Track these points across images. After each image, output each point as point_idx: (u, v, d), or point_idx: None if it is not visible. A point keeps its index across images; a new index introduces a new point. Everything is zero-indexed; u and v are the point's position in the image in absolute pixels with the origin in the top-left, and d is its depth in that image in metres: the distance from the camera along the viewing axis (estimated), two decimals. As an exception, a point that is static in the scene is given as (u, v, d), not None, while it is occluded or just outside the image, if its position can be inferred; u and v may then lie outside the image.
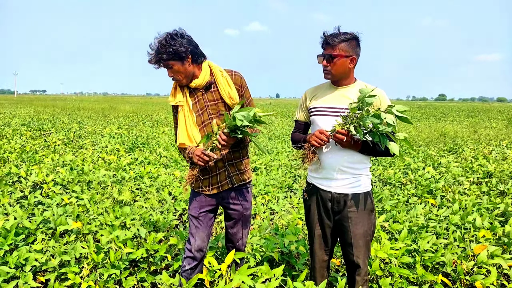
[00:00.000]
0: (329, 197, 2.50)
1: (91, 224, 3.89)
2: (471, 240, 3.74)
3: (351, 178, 2.46)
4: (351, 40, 2.37)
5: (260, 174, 7.00)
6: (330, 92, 2.51)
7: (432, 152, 9.44)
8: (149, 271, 3.36)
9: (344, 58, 2.35)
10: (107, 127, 14.60)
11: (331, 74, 2.42)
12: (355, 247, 2.50)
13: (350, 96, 2.42)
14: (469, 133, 14.43)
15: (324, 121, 2.46)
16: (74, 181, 5.73)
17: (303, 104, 2.66)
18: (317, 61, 2.47)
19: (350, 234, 2.49)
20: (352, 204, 2.46)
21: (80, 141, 10.69)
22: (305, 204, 2.72)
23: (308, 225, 2.72)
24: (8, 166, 6.59)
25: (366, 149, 2.40)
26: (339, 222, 2.53)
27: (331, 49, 2.36)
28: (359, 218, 2.47)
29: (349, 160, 2.43)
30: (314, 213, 2.62)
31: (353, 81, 2.49)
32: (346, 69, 2.40)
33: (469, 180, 6.42)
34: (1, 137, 10.99)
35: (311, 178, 2.63)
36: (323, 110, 2.49)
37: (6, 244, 3.20)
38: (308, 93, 2.64)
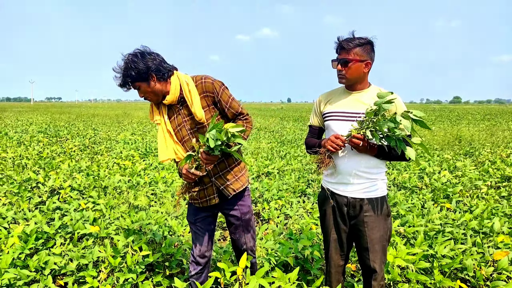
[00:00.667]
0: (345, 202, 2.50)
1: (108, 229, 3.94)
2: (489, 246, 3.69)
3: (367, 182, 2.45)
4: (365, 45, 2.37)
5: (273, 179, 7.00)
6: (344, 97, 2.51)
7: (448, 156, 9.34)
8: (165, 275, 3.39)
9: (358, 62, 2.36)
10: (121, 133, 14.77)
11: (346, 79, 2.42)
12: (371, 251, 2.48)
13: (364, 100, 2.42)
14: (485, 136, 14.23)
15: (339, 126, 2.46)
16: (90, 187, 5.80)
17: (317, 109, 2.66)
18: (332, 66, 2.48)
19: (366, 239, 2.47)
20: (368, 209, 2.45)
21: (95, 147, 10.82)
22: (320, 208, 2.71)
23: (323, 230, 2.71)
24: (27, 172, 6.71)
25: (382, 154, 2.39)
26: (355, 226, 2.53)
27: (345, 53, 2.36)
28: (375, 222, 2.46)
29: (365, 164, 2.43)
30: (330, 217, 2.61)
31: (367, 85, 2.49)
32: (360, 74, 2.40)
33: (486, 184, 6.33)
34: (20, 143, 11.19)
35: (326, 183, 2.63)
36: (337, 115, 2.49)
37: (27, 248, 3.26)
38: (322, 98, 2.64)
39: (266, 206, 5.35)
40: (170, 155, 2.55)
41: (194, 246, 2.77)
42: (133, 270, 3.14)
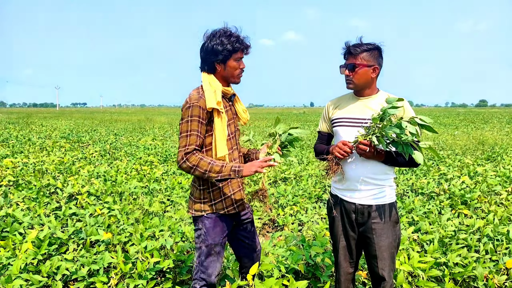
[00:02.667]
0: (353, 209, 2.48)
1: (121, 235, 3.99)
2: (504, 253, 3.59)
3: (374, 189, 2.44)
4: (373, 50, 2.37)
5: (289, 184, 6.98)
6: (352, 103, 2.50)
7: (469, 160, 9.13)
8: (175, 281, 3.41)
9: (366, 67, 2.35)
10: (142, 139, 14.97)
11: (353, 84, 2.41)
12: (380, 259, 2.46)
13: (372, 106, 2.41)
14: (509, 140, 13.87)
15: (347, 132, 2.45)
16: (107, 192, 5.90)
17: (326, 115, 2.66)
18: (340, 71, 2.48)
19: (375, 246, 2.45)
20: (376, 216, 2.43)
21: (116, 153, 11.01)
22: (329, 215, 2.70)
23: (332, 237, 2.69)
24: (46, 177, 6.87)
25: (389, 160, 2.38)
26: (363, 233, 2.51)
27: (353, 58, 2.36)
28: (383, 229, 2.44)
29: (373, 171, 2.42)
30: (338, 224, 2.60)
31: (375, 91, 2.48)
32: (368, 79, 2.40)
33: (506, 190, 6.17)
34: (42, 149, 11.47)
35: (334, 190, 2.62)
36: (345, 121, 2.48)
37: (40, 254, 3.34)
38: (331, 104, 2.64)
39: (281, 212, 5.34)
40: (226, 151, 2.38)
41: (211, 270, 2.51)
42: (143, 277, 3.17)
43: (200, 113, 2.28)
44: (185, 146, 2.28)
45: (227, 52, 2.32)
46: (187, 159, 2.27)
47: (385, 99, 2.24)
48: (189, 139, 2.28)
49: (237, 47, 2.34)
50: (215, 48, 2.32)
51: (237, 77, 2.43)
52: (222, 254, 2.55)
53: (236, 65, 2.38)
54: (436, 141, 13.74)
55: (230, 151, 2.47)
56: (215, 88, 2.34)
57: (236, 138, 2.56)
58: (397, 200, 5.58)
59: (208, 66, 2.40)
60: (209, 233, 2.46)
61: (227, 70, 2.39)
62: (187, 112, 2.30)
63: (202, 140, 2.34)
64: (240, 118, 2.61)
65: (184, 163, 2.28)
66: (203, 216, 2.46)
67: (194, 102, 2.29)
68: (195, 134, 2.29)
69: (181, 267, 3.49)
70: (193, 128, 2.29)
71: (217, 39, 2.32)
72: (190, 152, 2.28)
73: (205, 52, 2.38)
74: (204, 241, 2.47)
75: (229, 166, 2.30)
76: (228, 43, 2.31)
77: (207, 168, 2.27)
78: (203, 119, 2.30)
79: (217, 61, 2.35)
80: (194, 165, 2.27)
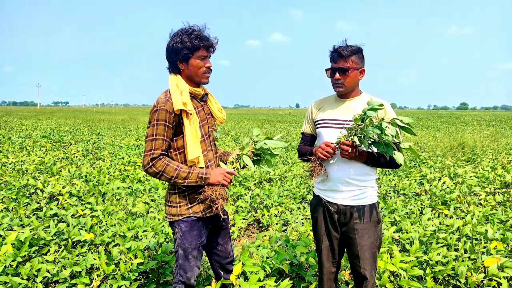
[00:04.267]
0: (336, 209, 2.51)
1: (103, 235, 3.95)
2: (482, 252, 3.67)
3: (356, 190, 2.47)
4: (359, 53, 2.41)
5: (274, 185, 7.01)
6: (336, 105, 2.53)
7: (450, 162, 9.30)
8: (159, 282, 3.40)
9: (356, 70, 2.39)
10: (125, 139, 14.83)
11: (344, 87, 2.43)
12: (362, 259, 2.50)
13: (356, 108, 2.44)
14: (488, 142, 14.16)
15: (329, 133, 2.48)
16: (89, 193, 5.83)
17: (309, 116, 2.68)
18: (326, 75, 2.49)
19: (357, 246, 2.49)
20: (358, 216, 2.47)
21: (98, 153, 10.88)
22: (312, 216, 2.73)
23: (315, 237, 2.72)
24: (26, 178, 6.76)
25: (371, 160, 2.41)
26: (345, 234, 2.54)
27: (343, 61, 2.37)
28: (365, 230, 2.48)
29: (355, 172, 2.45)
30: (321, 225, 2.62)
31: (359, 93, 2.52)
32: (356, 82, 2.45)
33: (485, 190, 6.30)
34: (22, 149, 11.27)
35: (317, 190, 2.65)
36: (329, 122, 2.51)
37: (20, 256, 3.28)
38: (314, 105, 2.66)
39: (266, 213, 5.35)
40: (199, 153, 2.34)
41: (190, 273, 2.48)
42: (126, 278, 3.15)
43: (167, 116, 2.24)
44: (151, 151, 2.25)
45: (187, 50, 2.27)
46: (153, 164, 2.25)
47: (367, 102, 2.28)
48: (155, 143, 2.25)
49: (197, 44, 2.27)
50: (175, 46, 2.28)
51: (202, 76, 2.36)
52: (200, 257, 2.53)
53: (199, 64, 2.32)
54: (418, 143, 13.94)
55: (204, 152, 2.43)
56: (181, 89, 2.30)
57: (211, 139, 2.52)
58: (380, 200, 5.64)
59: (172, 66, 2.37)
60: (186, 237, 2.43)
61: (191, 69, 2.33)
62: (153, 116, 2.26)
63: (167, 144, 2.31)
64: (216, 118, 2.58)
65: (150, 168, 2.25)
66: (179, 220, 2.42)
67: (161, 106, 2.25)
68: (161, 139, 2.26)
69: (165, 268, 3.48)
70: (159, 132, 2.25)
71: (178, 37, 2.28)
72: (156, 157, 2.25)
73: (167, 52, 2.34)
74: (181, 245, 2.44)
75: (196, 173, 2.29)
76: (188, 40, 2.26)
77: (173, 174, 2.26)
78: (169, 123, 2.27)
79: (178, 59, 2.31)
80: (160, 170, 2.25)
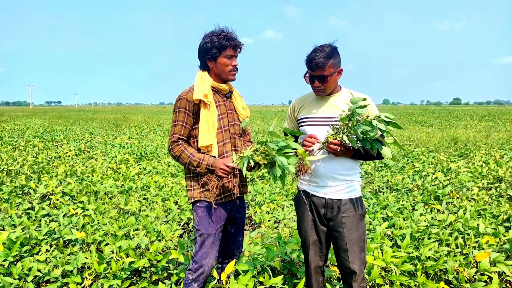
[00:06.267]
0: (323, 203, 2.53)
1: (95, 234, 3.94)
2: (474, 247, 3.69)
3: (344, 184, 2.50)
4: (334, 54, 2.40)
5: (266, 182, 7.01)
6: (318, 102, 2.56)
7: (443, 157, 9.35)
8: (151, 280, 3.39)
9: (334, 74, 2.41)
10: (118, 137, 14.77)
11: (324, 92, 2.47)
12: (350, 252, 2.50)
13: (337, 105, 2.47)
14: (481, 137, 14.24)
15: (314, 130, 2.50)
16: (82, 192, 5.81)
17: (291, 115, 2.71)
18: (305, 81, 2.52)
19: (345, 240, 2.49)
20: (346, 209, 2.49)
21: (91, 152, 10.83)
22: (297, 211, 2.74)
23: (301, 233, 2.73)
24: (19, 177, 6.71)
25: (358, 155, 2.45)
26: (333, 228, 2.55)
27: (321, 70, 2.37)
28: (353, 223, 2.49)
29: (342, 167, 2.48)
30: (308, 219, 2.63)
31: (339, 89, 2.55)
32: (336, 82, 2.48)
33: (478, 185, 6.34)
34: (14, 148, 11.19)
35: (303, 185, 2.66)
36: (312, 120, 2.53)
37: (11, 256, 3.26)
38: (296, 103, 2.70)
39: (258, 210, 5.36)
40: (212, 141, 2.50)
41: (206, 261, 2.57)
42: (118, 276, 3.14)
43: (187, 105, 2.48)
44: (172, 135, 2.52)
45: (215, 49, 2.47)
46: (172, 148, 2.52)
47: (350, 99, 2.30)
48: (175, 128, 2.51)
49: (224, 44, 2.47)
50: (205, 46, 2.50)
51: (229, 73, 2.56)
52: (216, 246, 2.62)
53: (226, 62, 2.52)
54: (411, 139, 14.00)
55: (221, 143, 2.57)
56: (204, 82, 2.52)
57: (231, 132, 2.64)
58: (372, 196, 5.67)
59: (202, 64, 2.59)
60: (202, 222, 2.57)
61: (218, 67, 2.53)
62: (176, 104, 2.53)
63: (188, 130, 2.53)
64: (239, 114, 2.75)
65: (171, 151, 2.53)
66: (196, 204, 2.59)
67: (183, 95, 2.51)
68: (181, 124, 2.50)
69: (157, 266, 3.47)
70: (179, 118, 2.50)
71: (208, 38, 2.49)
72: (176, 141, 2.51)
73: (199, 51, 2.56)
74: (198, 231, 2.58)
75: (205, 164, 2.45)
76: (217, 40, 2.46)
77: (186, 161, 2.48)
78: (189, 111, 2.50)
79: (207, 58, 2.53)
80: (177, 155, 2.50)
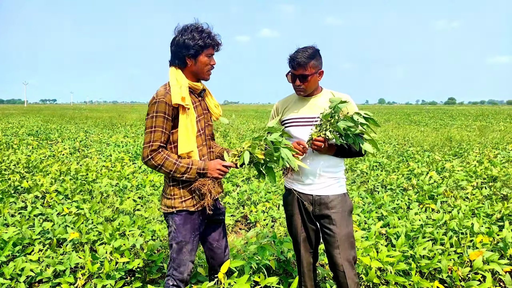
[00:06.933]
0: (310, 200, 2.58)
1: (89, 234, 3.91)
2: (468, 246, 3.70)
3: (329, 180, 2.56)
4: (316, 56, 2.48)
5: (262, 181, 7.00)
6: (301, 103, 2.62)
7: (437, 156, 9.37)
8: (145, 280, 3.37)
9: (315, 74, 2.48)
10: (113, 136, 14.71)
11: (305, 91, 2.54)
12: (342, 249, 2.53)
13: (320, 104, 2.54)
14: (475, 136, 14.31)
15: (299, 131, 2.57)
16: (76, 191, 5.77)
17: (275, 116, 2.75)
18: (287, 79, 2.58)
19: (336, 237, 2.52)
20: (334, 205, 2.54)
21: (85, 150, 10.78)
22: (286, 210, 2.79)
23: (291, 231, 2.78)
24: (13, 176, 6.66)
25: (340, 152, 2.52)
26: (323, 225, 2.58)
27: (302, 69, 2.45)
28: (342, 219, 2.53)
29: (327, 164, 2.55)
30: (297, 217, 2.69)
31: (320, 90, 2.62)
32: (316, 83, 2.56)
33: (472, 184, 6.36)
34: (8, 147, 11.12)
35: (290, 184, 2.71)
36: (297, 120, 2.60)
37: (3, 256, 3.23)
38: (279, 105, 2.75)
39: (253, 209, 5.35)
40: (193, 147, 2.36)
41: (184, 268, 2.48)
42: (111, 276, 3.12)
43: (166, 109, 2.27)
44: (150, 143, 2.27)
45: (198, 47, 2.32)
46: (153, 157, 2.26)
47: (329, 98, 2.40)
48: (154, 135, 2.27)
49: (208, 43, 2.35)
50: (186, 42, 2.31)
51: (206, 73, 2.44)
52: (194, 252, 2.52)
53: (207, 61, 2.39)
54: (406, 138, 14.04)
55: (200, 147, 2.45)
56: (181, 83, 2.34)
57: (206, 134, 2.54)
58: (368, 195, 5.68)
59: (179, 60, 2.39)
60: (179, 230, 2.43)
61: (198, 65, 2.38)
62: (152, 107, 2.29)
63: (167, 136, 2.32)
64: (212, 114, 2.61)
65: (149, 161, 2.27)
66: (173, 213, 2.42)
67: (161, 98, 2.27)
68: (160, 131, 2.27)
69: (151, 266, 3.46)
70: (158, 124, 2.27)
71: (189, 33, 2.32)
72: (156, 149, 2.27)
73: (176, 46, 2.37)
74: (175, 238, 2.44)
75: (195, 168, 2.31)
76: (200, 38, 2.32)
77: (172, 169, 2.28)
78: (168, 115, 2.29)
79: (188, 55, 2.35)
80: (159, 164, 2.27)
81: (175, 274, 2.49)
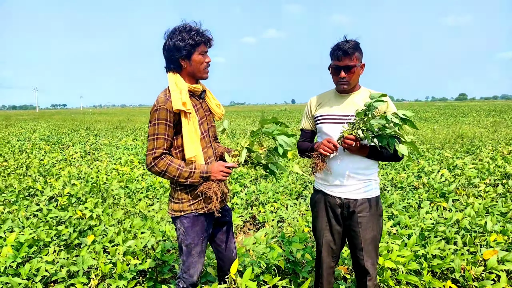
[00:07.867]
0: (338, 203, 2.51)
1: (102, 236, 3.96)
2: (482, 245, 3.66)
3: (359, 183, 2.47)
4: (359, 48, 2.40)
5: (270, 181, 7.00)
6: (335, 100, 2.53)
7: (448, 154, 9.28)
8: (156, 280, 3.40)
9: (358, 67, 2.40)
10: (122, 139, 14.82)
11: (349, 85, 2.43)
12: (365, 252, 2.50)
13: (357, 103, 2.44)
14: (488, 133, 14.13)
15: (331, 128, 2.48)
16: (88, 194, 5.84)
17: (309, 113, 2.67)
18: (330, 72, 2.48)
19: (360, 239, 2.49)
20: (362, 209, 2.47)
21: (96, 154, 10.88)
22: (313, 210, 2.72)
23: (315, 232, 2.71)
24: (26, 180, 6.76)
25: (373, 154, 2.41)
26: (349, 227, 2.54)
27: (348, 59, 2.35)
28: (369, 223, 2.48)
29: (358, 165, 2.45)
30: (323, 219, 2.61)
31: (358, 87, 2.51)
32: (358, 77, 2.46)
33: (485, 182, 6.29)
34: (22, 151, 11.27)
35: (319, 185, 2.64)
36: (329, 118, 2.50)
37: (19, 257, 3.29)
38: (313, 101, 2.66)
39: (261, 209, 5.35)
40: (198, 151, 2.35)
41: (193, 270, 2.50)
42: (124, 277, 3.16)
43: (167, 115, 2.26)
44: (153, 150, 2.27)
45: (189, 46, 2.29)
46: (156, 164, 2.27)
47: (369, 95, 2.27)
48: (157, 142, 2.27)
49: (199, 40, 2.32)
50: (177, 44, 2.29)
51: (203, 71, 2.40)
52: (203, 253, 2.53)
53: (201, 59, 2.35)
54: (416, 135, 13.93)
55: (204, 149, 2.44)
56: (180, 88, 2.31)
57: (210, 136, 2.53)
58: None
59: (173, 64, 2.36)
60: (188, 233, 2.43)
61: (193, 65, 2.35)
62: (154, 115, 2.28)
63: (170, 143, 2.32)
64: (214, 114, 2.59)
65: (153, 168, 2.28)
66: (181, 216, 2.43)
67: (161, 105, 2.26)
68: (162, 138, 2.27)
69: (163, 266, 3.48)
70: (160, 131, 2.27)
71: (178, 35, 2.30)
72: (159, 156, 2.27)
73: (167, 51, 2.34)
74: (184, 241, 2.45)
75: (198, 172, 2.31)
76: (189, 37, 2.29)
77: (175, 174, 2.29)
78: (170, 122, 2.28)
79: (181, 57, 2.32)
80: (162, 170, 2.27)
81: (185, 277, 2.51)
